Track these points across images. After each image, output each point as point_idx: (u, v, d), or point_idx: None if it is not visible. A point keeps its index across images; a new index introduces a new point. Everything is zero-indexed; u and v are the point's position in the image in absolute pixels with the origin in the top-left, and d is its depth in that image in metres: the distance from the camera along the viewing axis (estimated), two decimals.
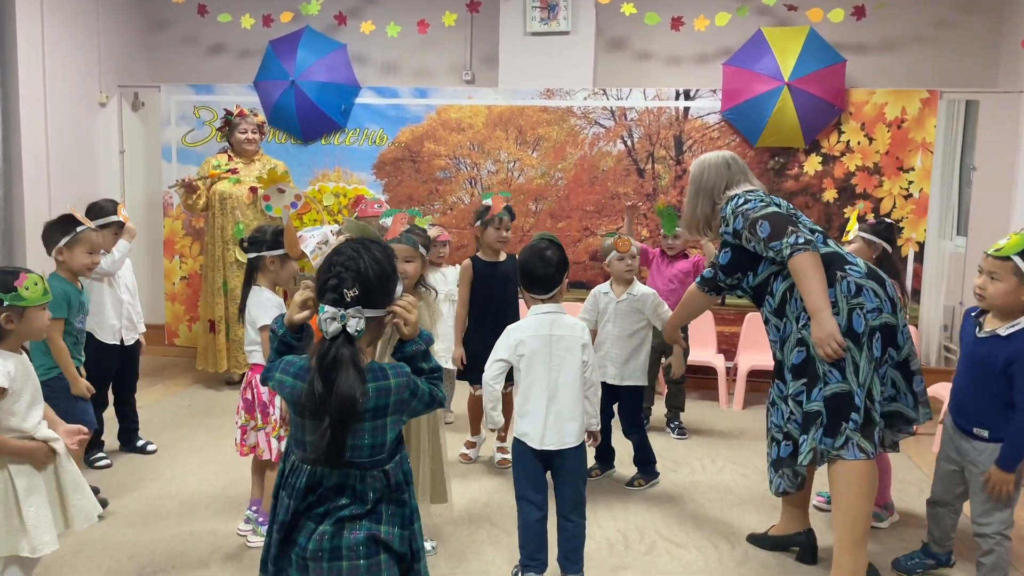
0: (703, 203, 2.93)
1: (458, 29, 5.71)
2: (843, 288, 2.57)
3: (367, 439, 1.63)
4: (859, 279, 2.59)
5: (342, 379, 1.57)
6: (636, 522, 3.26)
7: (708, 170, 2.94)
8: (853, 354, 2.54)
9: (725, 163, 2.93)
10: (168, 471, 3.72)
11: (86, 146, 5.70)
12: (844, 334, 2.52)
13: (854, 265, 2.65)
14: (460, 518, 3.22)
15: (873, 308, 2.56)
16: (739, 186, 2.88)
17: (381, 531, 1.65)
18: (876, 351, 2.56)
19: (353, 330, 1.58)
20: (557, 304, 2.65)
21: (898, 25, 5.33)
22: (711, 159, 2.96)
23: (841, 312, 2.56)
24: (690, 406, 4.61)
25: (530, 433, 2.58)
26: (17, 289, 2.22)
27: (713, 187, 2.91)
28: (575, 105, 5.46)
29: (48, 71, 5.24)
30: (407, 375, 1.69)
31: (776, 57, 4.97)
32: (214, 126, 5.64)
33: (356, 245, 1.66)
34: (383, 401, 1.64)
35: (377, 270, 1.64)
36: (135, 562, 2.84)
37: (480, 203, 3.90)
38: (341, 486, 1.64)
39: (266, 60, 5.67)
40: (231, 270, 5.09)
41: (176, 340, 5.95)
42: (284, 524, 1.67)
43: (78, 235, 3.18)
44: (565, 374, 2.58)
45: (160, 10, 6.21)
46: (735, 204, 2.79)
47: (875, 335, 2.55)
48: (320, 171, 5.76)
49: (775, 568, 2.90)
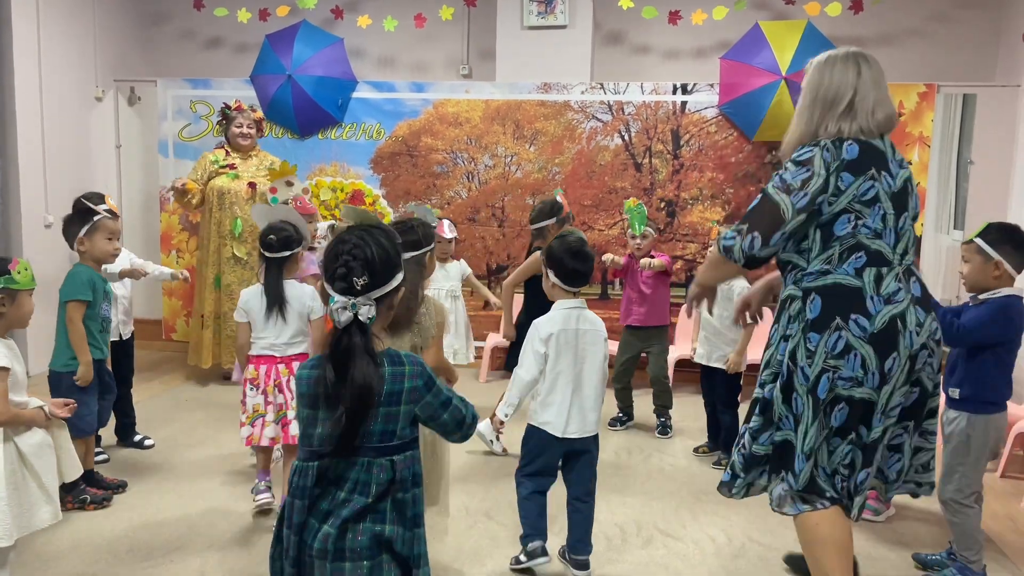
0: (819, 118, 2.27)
1: (455, 23, 5.70)
2: (828, 342, 2.18)
3: (379, 425, 1.63)
4: (855, 338, 2.16)
5: (357, 368, 1.57)
6: (633, 516, 3.27)
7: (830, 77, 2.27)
8: (805, 413, 2.22)
9: (853, 79, 2.25)
10: (165, 465, 3.72)
11: (82, 141, 5.69)
12: (809, 391, 2.20)
13: (866, 317, 2.17)
14: (458, 512, 3.23)
15: (849, 377, 2.17)
16: (837, 123, 2.23)
17: (385, 530, 1.64)
18: (835, 421, 2.21)
19: (365, 317, 1.58)
20: (581, 299, 2.75)
21: (895, 19, 5.33)
22: (839, 66, 2.27)
23: (813, 366, 2.19)
24: (687, 400, 4.61)
25: (553, 422, 2.67)
26: (10, 272, 2.32)
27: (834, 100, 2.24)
28: (572, 99, 5.45)
29: (44, 66, 5.22)
30: (421, 365, 1.69)
31: (773, 51, 4.97)
32: (211, 120, 5.62)
33: (360, 232, 1.65)
34: (398, 387, 1.63)
35: (383, 255, 1.63)
36: (133, 555, 2.84)
37: (552, 199, 3.95)
38: (344, 477, 1.64)
39: (262, 54, 5.66)
40: (228, 265, 5.05)
41: (173, 335, 5.95)
42: (300, 525, 1.65)
43: (96, 223, 3.29)
44: (588, 366, 2.69)
45: (156, 4, 6.19)
46: (796, 155, 2.24)
47: (839, 404, 2.19)
48: (317, 166, 5.75)
49: (772, 561, 2.91)
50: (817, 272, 2.22)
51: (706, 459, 3.96)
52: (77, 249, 3.33)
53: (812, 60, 2.35)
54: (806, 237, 2.24)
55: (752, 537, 3.09)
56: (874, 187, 2.17)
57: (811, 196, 2.16)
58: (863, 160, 2.17)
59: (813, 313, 2.20)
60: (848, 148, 2.17)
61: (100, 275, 3.34)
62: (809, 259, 2.24)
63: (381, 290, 1.63)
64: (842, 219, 2.18)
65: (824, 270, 2.21)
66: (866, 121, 2.21)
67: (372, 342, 1.61)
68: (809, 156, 2.19)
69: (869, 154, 2.19)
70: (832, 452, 2.24)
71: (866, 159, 2.18)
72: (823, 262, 2.22)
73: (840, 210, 2.18)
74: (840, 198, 2.17)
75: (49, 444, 2.47)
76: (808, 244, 2.24)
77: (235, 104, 5.16)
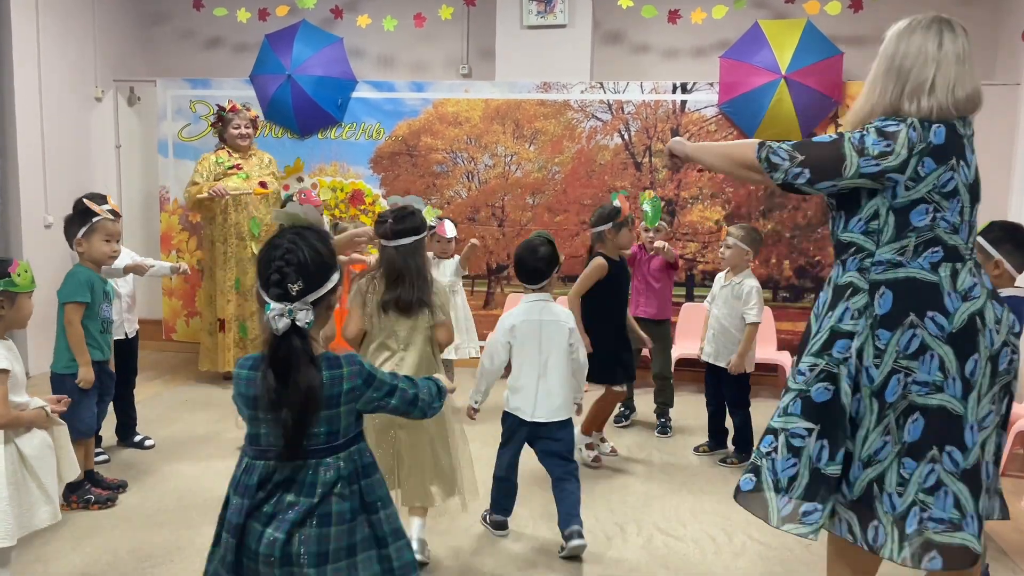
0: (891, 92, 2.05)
1: (455, 23, 5.70)
2: (901, 340, 1.96)
3: (323, 427, 1.64)
4: (932, 338, 1.95)
5: (301, 374, 1.58)
6: (633, 515, 3.27)
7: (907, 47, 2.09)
8: (869, 420, 1.99)
9: (934, 51, 2.04)
10: (166, 466, 3.72)
11: (82, 141, 5.69)
12: (874, 393, 1.99)
13: (944, 315, 1.96)
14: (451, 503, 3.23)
15: (926, 382, 1.95)
16: (914, 101, 2.01)
17: (331, 533, 1.62)
18: (908, 435, 1.96)
19: (303, 323, 1.59)
20: (547, 293, 3.00)
21: (895, 17, 5.22)
22: (919, 35, 2.10)
23: (882, 366, 1.97)
24: (688, 399, 4.61)
25: (522, 407, 2.93)
26: (11, 275, 2.33)
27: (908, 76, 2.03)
28: (572, 99, 5.45)
29: (43, 66, 5.22)
30: (359, 364, 1.69)
31: (773, 50, 4.97)
32: (210, 120, 5.62)
33: (292, 235, 1.65)
34: (336, 390, 1.64)
35: (316, 258, 1.63)
36: (134, 556, 2.84)
37: (611, 204, 3.85)
38: (291, 480, 1.63)
39: (262, 54, 5.66)
40: (249, 265, 4.89)
41: (173, 335, 5.95)
42: (238, 527, 1.63)
43: (94, 224, 3.28)
44: (554, 355, 2.93)
45: (156, 4, 6.19)
46: (881, 124, 2.02)
47: (912, 415, 1.96)
48: (317, 165, 5.75)
49: (772, 560, 2.91)
50: (887, 263, 2.00)
51: (706, 458, 3.96)
52: (76, 250, 3.33)
53: (893, 26, 2.14)
54: (876, 217, 2.02)
55: (752, 536, 3.08)
56: (954, 179, 1.98)
57: (881, 169, 1.96)
58: (947, 147, 1.97)
59: (883, 308, 1.99)
60: (936, 131, 1.97)
61: (99, 276, 3.33)
62: (879, 243, 2.02)
63: (316, 293, 1.63)
64: (919, 208, 1.98)
65: (896, 261, 2.00)
66: (945, 100, 1.99)
67: (312, 346, 1.62)
68: (895, 131, 1.98)
69: (952, 140, 1.99)
70: (907, 477, 1.97)
71: (950, 146, 1.98)
72: (895, 252, 2.00)
73: (919, 198, 1.97)
74: (919, 185, 1.96)
75: (49, 445, 2.48)
76: (878, 225, 2.02)
77: (230, 105, 5.10)
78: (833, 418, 2.01)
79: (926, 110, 1.99)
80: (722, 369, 3.88)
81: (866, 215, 2.03)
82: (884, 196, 2.00)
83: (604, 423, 3.95)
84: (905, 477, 1.97)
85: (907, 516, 1.97)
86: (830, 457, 2.01)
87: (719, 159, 2.24)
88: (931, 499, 1.95)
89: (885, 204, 2.00)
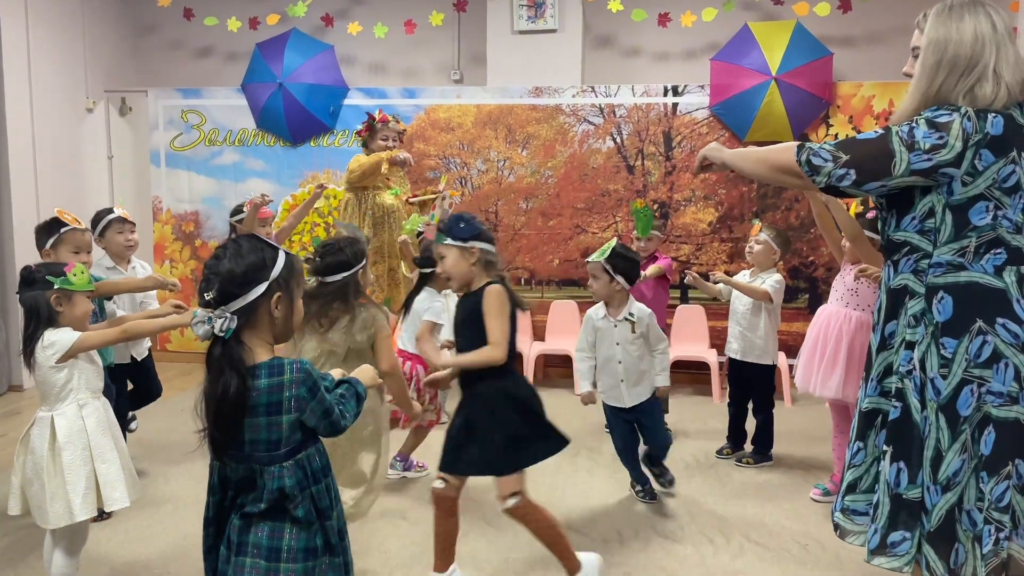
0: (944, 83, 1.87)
1: (445, 29, 5.71)
2: (970, 347, 1.83)
3: (263, 434, 1.65)
4: (1006, 345, 1.83)
5: (221, 379, 1.61)
6: (631, 518, 3.27)
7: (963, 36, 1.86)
8: (940, 438, 1.85)
9: (988, 40, 1.85)
10: (162, 476, 3.70)
11: (74, 152, 5.68)
12: (941, 407, 1.85)
13: (1016, 322, 1.84)
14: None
15: (1000, 393, 1.83)
16: (975, 90, 1.84)
17: (285, 530, 1.67)
18: (985, 448, 1.85)
19: (220, 331, 1.61)
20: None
21: (885, 17, 5.35)
22: (968, 17, 1.87)
23: (950, 376, 1.85)
24: (683, 401, 4.61)
25: (615, 397, 3.35)
26: (66, 274, 2.45)
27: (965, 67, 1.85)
28: (564, 103, 5.46)
29: (34, 77, 5.22)
30: (306, 372, 1.67)
31: (763, 51, 4.98)
32: (357, 128, 5.00)
33: (228, 244, 1.71)
34: (276, 397, 1.64)
35: (239, 268, 1.64)
36: (131, 567, 2.83)
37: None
38: (249, 479, 1.68)
39: (253, 63, 5.66)
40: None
41: (168, 345, 5.94)
42: (209, 520, 1.74)
43: (62, 235, 3.21)
44: (628, 347, 3.29)
45: (146, 14, 6.19)
46: (932, 115, 1.86)
47: (987, 428, 1.85)
48: (309, 173, 5.75)
49: (769, 561, 2.91)
50: (946, 265, 1.87)
51: (705, 460, 3.95)
52: (43, 260, 3.20)
53: (927, 12, 1.95)
54: (931, 215, 1.87)
55: (750, 538, 3.08)
56: (1015, 173, 1.83)
57: (935, 164, 1.81)
58: (1007, 138, 1.81)
59: (944, 315, 1.86)
60: (994, 121, 1.81)
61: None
62: (936, 243, 1.88)
63: (238, 303, 1.64)
64: (979, 206, 1.83)
65: (956, 263, 1.86)
66: (1014, 83, 1.82)
67: (242, 353, 1.63)
68: (947, 121, 1.81)
69: (1012, 130, 1.83)
70: (984, 491, 1.85)
71: (1009, 136, 1.82)
72: (955, 253, 1.86)
73: (977, 194, 1.83)
74: (977, 179, 1.82)
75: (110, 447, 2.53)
76: (935, 224, 1.87)
77: (380, 115, 4.73)
78: (907, 437, 1.88)
79: (990, 97, 1.82)
80: (751, 367, 3.84)
81: (920, 213, 1.89)
82: (939, 192, 1.85)
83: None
84: (983, 491, 1.86)
85: (983, 536, 1.87)
86: (910, 480, 1.88)
87: (757, 164, 2.09)
88: (1005, 517, 1.86)
89: (941, 201, 1.86)
